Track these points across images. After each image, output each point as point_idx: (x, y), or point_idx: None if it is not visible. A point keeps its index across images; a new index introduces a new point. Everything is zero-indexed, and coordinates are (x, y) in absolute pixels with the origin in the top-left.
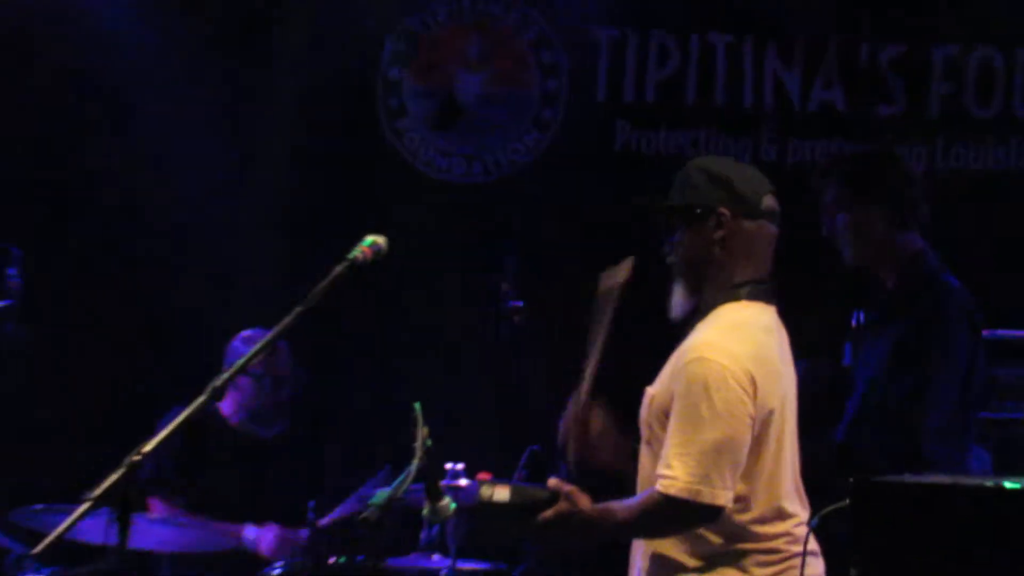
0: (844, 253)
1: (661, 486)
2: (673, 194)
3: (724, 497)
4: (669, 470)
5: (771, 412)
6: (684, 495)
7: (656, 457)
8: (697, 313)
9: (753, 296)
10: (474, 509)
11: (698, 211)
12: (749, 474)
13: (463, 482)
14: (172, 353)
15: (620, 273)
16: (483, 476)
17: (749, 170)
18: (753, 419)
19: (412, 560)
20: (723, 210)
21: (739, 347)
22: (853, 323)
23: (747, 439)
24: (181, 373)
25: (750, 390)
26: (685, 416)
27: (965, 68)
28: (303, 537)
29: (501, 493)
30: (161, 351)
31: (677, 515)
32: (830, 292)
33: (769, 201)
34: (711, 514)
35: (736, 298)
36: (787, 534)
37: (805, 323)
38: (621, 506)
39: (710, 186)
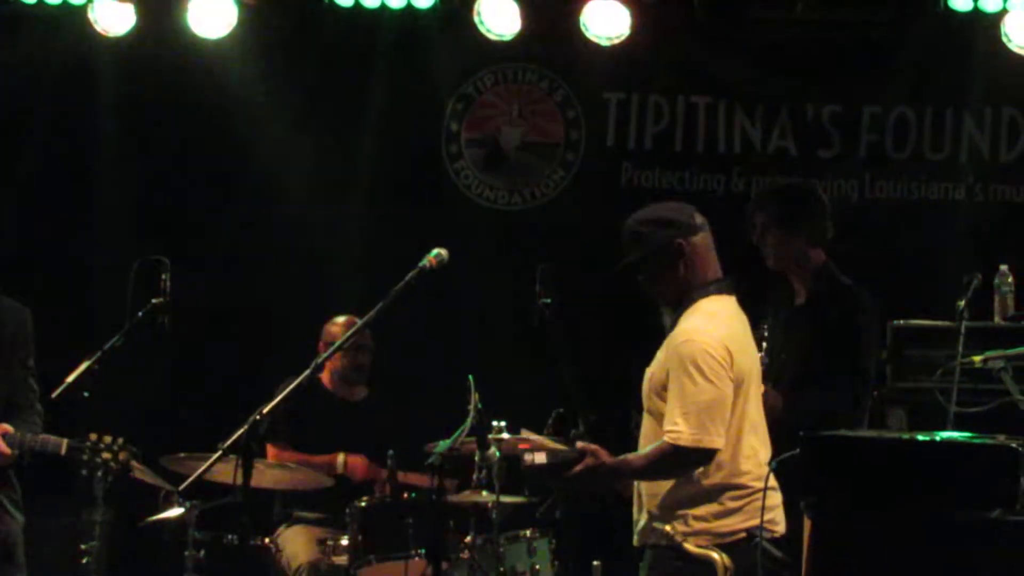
0: (768, 260)
1: (670, 438)
2: (632, 253)
3: (719, 442)
4: (674, 426)
5: (742, 378)
6: (689, 443)
7: (656, 421)
8: (679, 312)
9: (718, 291)
10: (520, 471)
11: (658, 253)
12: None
13: (505, 435)
14: (282, 335)
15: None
16: (523, 445)
17: (673, 203)
18: (732, 382)
19: (466, 497)
20: (678, 241)
21: (716, 330)
22: (770, 319)
23: (730, 397)
24: (289, 349)
25: (728, 361)
26: (681, 384)
27: (886, 122)
28: (382, 474)
29: (540, 457)
30: (273, 334)
31: (683, 460)
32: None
33: (698, 217)
34: (709, 456)
35: (707, 295)
36: (752, 472)
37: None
38: (636, 457)
39: (656, 230)
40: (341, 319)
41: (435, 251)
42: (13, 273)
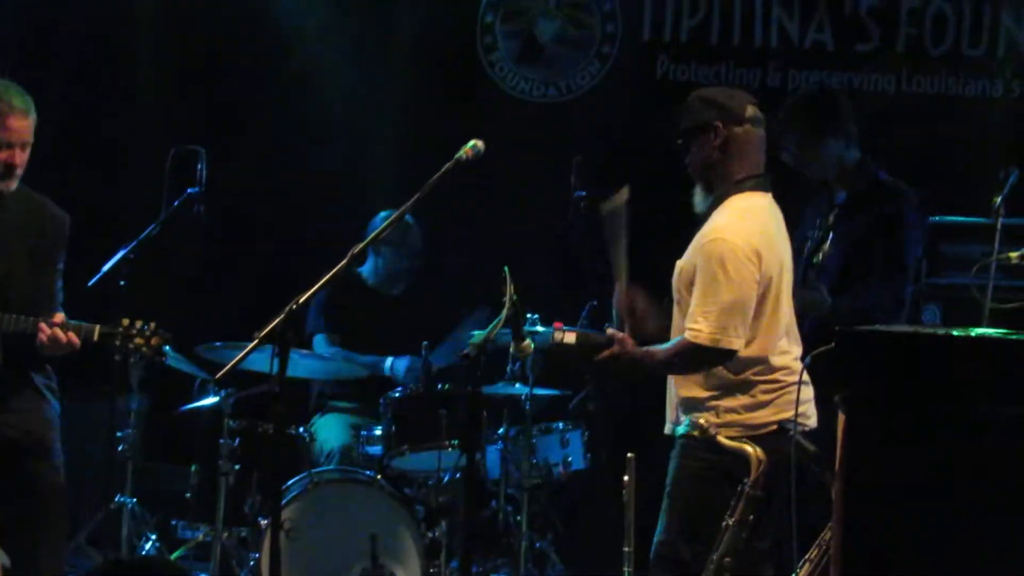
0: (808, 173)
1: (690, 336)
2: (681, 120)
3: (738, 343)
4: (695, 324)
5: (771, 278)
6: (708, 343)
7: (684, 314)
8: (712, 205)
9: (753, 188)
10: (548, 349)
11: (697, 128)
12: (755, 325)
13: (539, 328)
14: (319, 227)
15: (619, 198)
16: (557, 325)
17: (733, 90)
18: (758, 283)
19: (500, 388)
20: (716, 123)
21: (746, 228)
22: (815, 223)
23: (754, 298)
24: (325, 241)
25: (756, 261)
26: (707, 283)
27: (924, 17)
28: (418, 366)
29: (569, 337)
30: (309, 226)
31: (702, 358)
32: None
33: (752, 111)
34: (728, 356)
35: (740, 190)
36: (785, 367)
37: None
38: (659, 349)
39: (703, 107)
40: (384, 213)
41: (471, 143)
42: (50, 162)
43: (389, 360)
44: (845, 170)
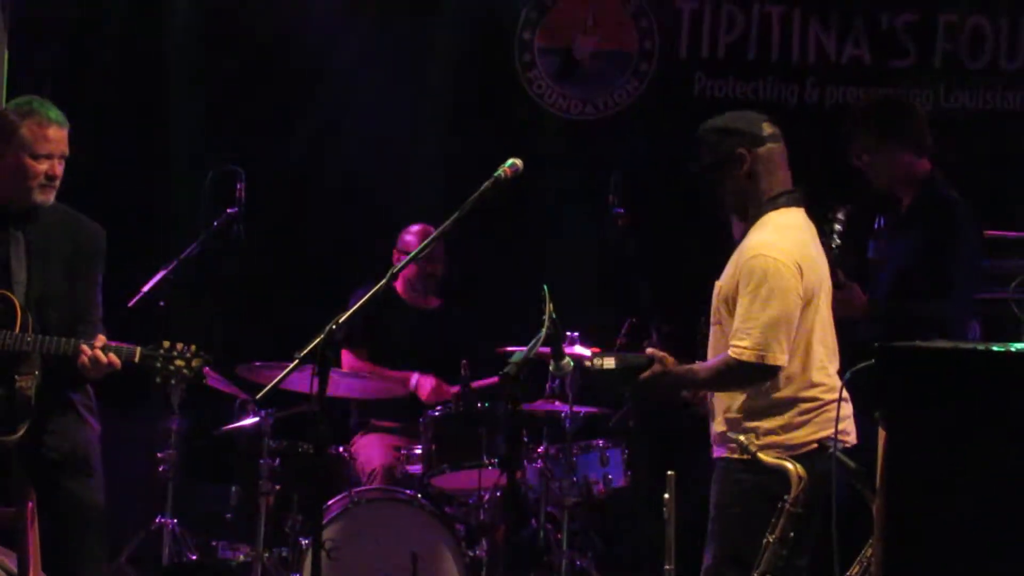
0: (873, 181)
1: (734, 353)
2: (702, 158)
3: (782, 359)
4: (739, 341)
5: (811, 293)
6: (752, 359)
7: (723, 333)
8: (748, 226)
9: (787, 204)
10: (589, 374)
11: (722, 161)
12: (796, 340)
13: (578, 348)
14: (358, 245)
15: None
16: (595, 350)
17: (743, 112)
18: (801, 298)
19: (540, 406)
20: (740, 151)
21: (787, 244)
22: (875, 226)
23: (797, 314)
24: (364, 259)
25: (798, 275)
26: (749, 299)
27: (961, 31)
28: (453, 391)
29: (608, 361)
30: (348, 244)
31: (746, 375)
32: (857, 202)
33: (768, 128)
34: (772, 372)
35: (775, 207)
36: (823, 384)
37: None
38: (702, 367)
39: (722, 138)
40: (416, 227)
41: (510, 161)
42: (89, 183)
43: (415, 377)
44: (912, 180)
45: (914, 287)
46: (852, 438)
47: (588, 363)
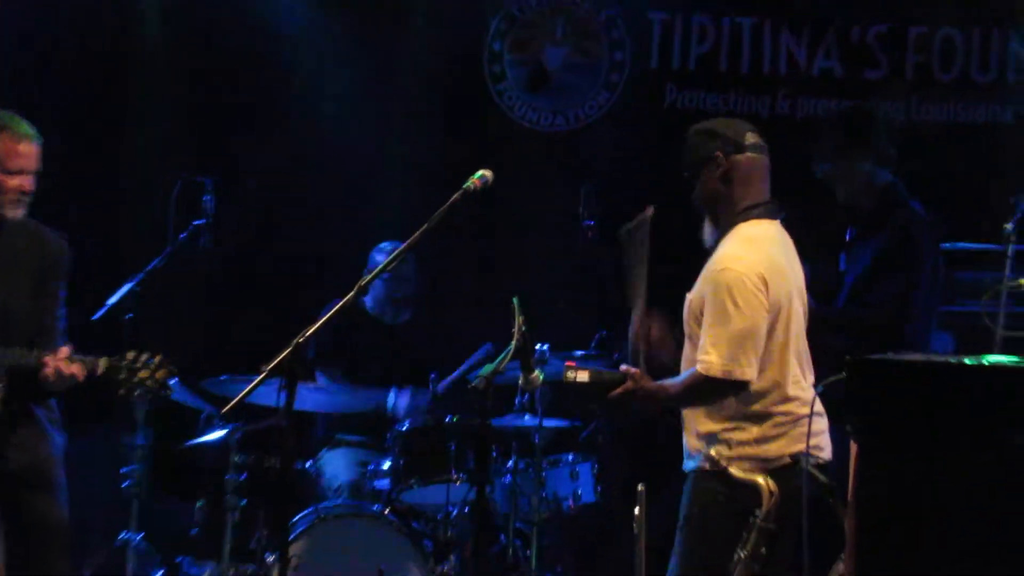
0: (836, 192)
1: (701, 368)
2: (683, 158)
3: (750, 373)
4: (706, 355)
5: (780, 306)
6: (719, 374)
7: (694, 347)
8: (719, 235)
9: (760, 216)
10: (561, 388)
11: (700, 161)
12: (766, 354)
13: (548, 359)
14: (325, 259)
15: (642, 217)
16: (569, 364)
17: (732, 120)
18: (767, 311)
19: (509, 420)
20: (717, 153)
21: (753, 257)
22: (847, 237)
23: (764, 327)
24: (331, 273)
25: (763, 289)
26: (715, 314)
27: (932, 43)
28: (425, 401)
29: (582, 375)
30: (316, 257)
31: (715, 389)
32: (828, 215)
33: (752, 138)
34: (740, 387)
35: (747, 219)
36: (798, 397)
37: (807, 237)
38: (672, 383)
39: (703, 140)
40: (386, 245)
41: (479, 173)
42: (54, 194)
43: (391, 398)
44: (873, 191)
45: (868, 296)
46: (826, 453)
47: (563, 376)
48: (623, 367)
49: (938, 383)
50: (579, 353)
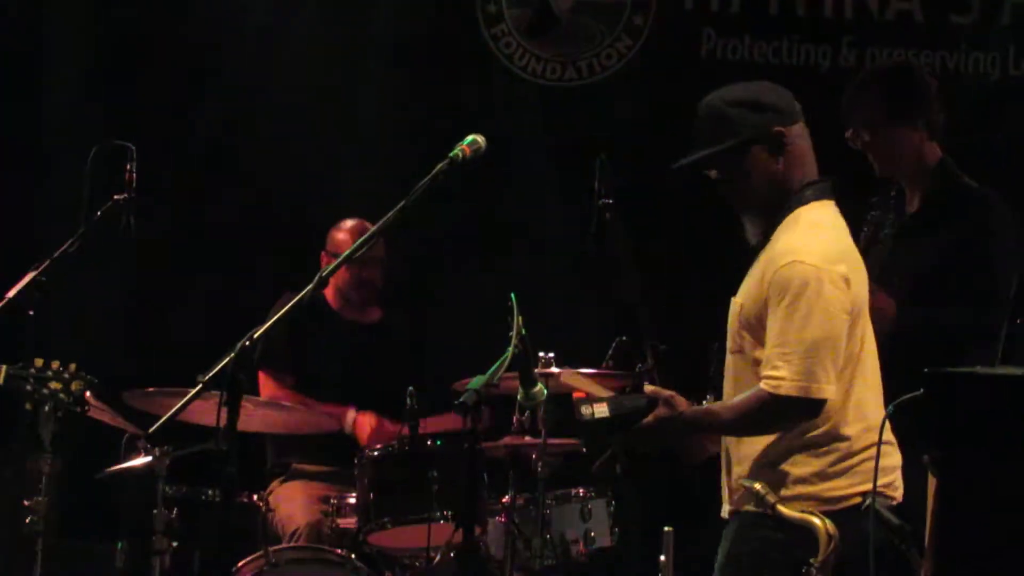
0: (877, 163)
1: (769, 386)
2: (713, 141)
3: (829, 391)
4: (775, 371)
5: (859, 308)
6: (794, 392)
7: (747, 363)
8: (771, 226)
9: (817, 196)
10: (577, 426)
11: (748, 143)
12: (843, 367)
13: (554, 369)
14: (278, 243)
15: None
16: (578, 394)
17: (764, 83)
18: (849, 314)
19: (505, 444)
20: (778, 128)
21: (826, 246)
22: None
23: (844, 333)
24: (286, 260)
25: (843, 286)
26: (785, 318)
27: None
28: (400, 431)
29: (600, 409)
30: (267, 241)
31: (786, 411)
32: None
33: (797, 103)
34: (817, 408)
35: (804, 201)
36: (869, 426)
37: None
38: (725, 407)
39: (749, 113)
40: (349, 223)
41: (469, 138)
42: None
43: (352, 415)
44: (922, 168)
45: (941, 296)
46: (899, 493)
47: (577, 415)
48: (650, 388)
49: None
50: (589, 371)
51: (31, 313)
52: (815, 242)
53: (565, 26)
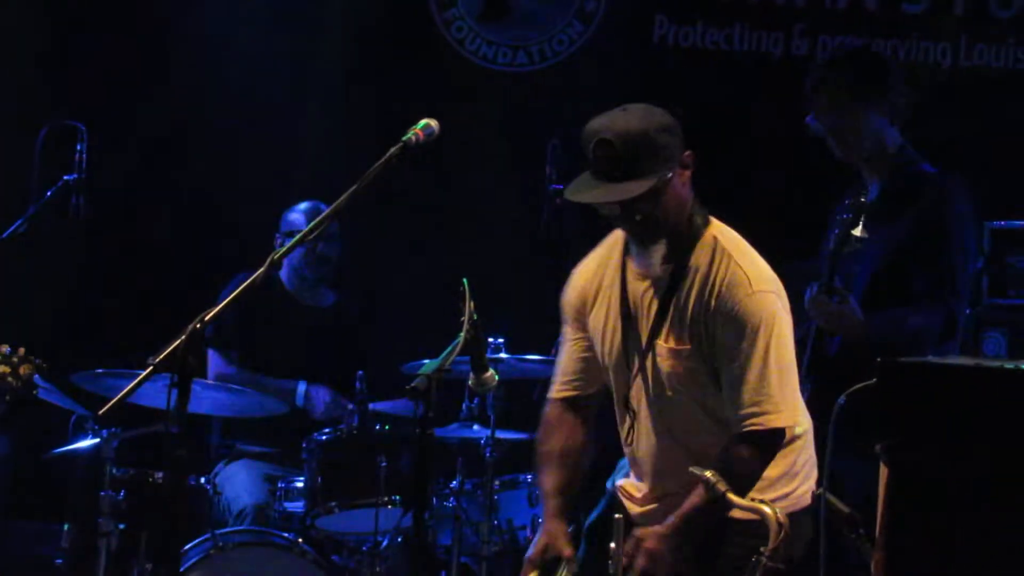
0: (836, 150)
1: (761, 423)
2: (648, 171)
3: (801, 413)
4: (762, 407)
5: None
6: (781, 423)
7: (694, 405)
8: (681, 253)
9: (707, 215)
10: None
11: (666, 171)
12: None
13: (504, 356)
14: (230, 224)
15: None
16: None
17: (649, 105)
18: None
19: (454, 430)
20: (687, 153)
21: (768, 270)
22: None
23: None
24: (237, 242)
25: (787, 307)
26: (755, 353)
27: None
28: (349, 408)
29: None
30: (218, 222)
31: (777, 443)
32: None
33: None
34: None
35: (706, 223)
36: (808, 423)
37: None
38: (699, 493)
39: (673, 139)
40: (304, 205)
41: (422, 122)
42: None
43: (302, 386)
44: (884, 154)
45: (899, 291)
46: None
47: None
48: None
49: (990, 393)
50: (535, 357)
51: None
52: (761, 267)
53: (517, 11)
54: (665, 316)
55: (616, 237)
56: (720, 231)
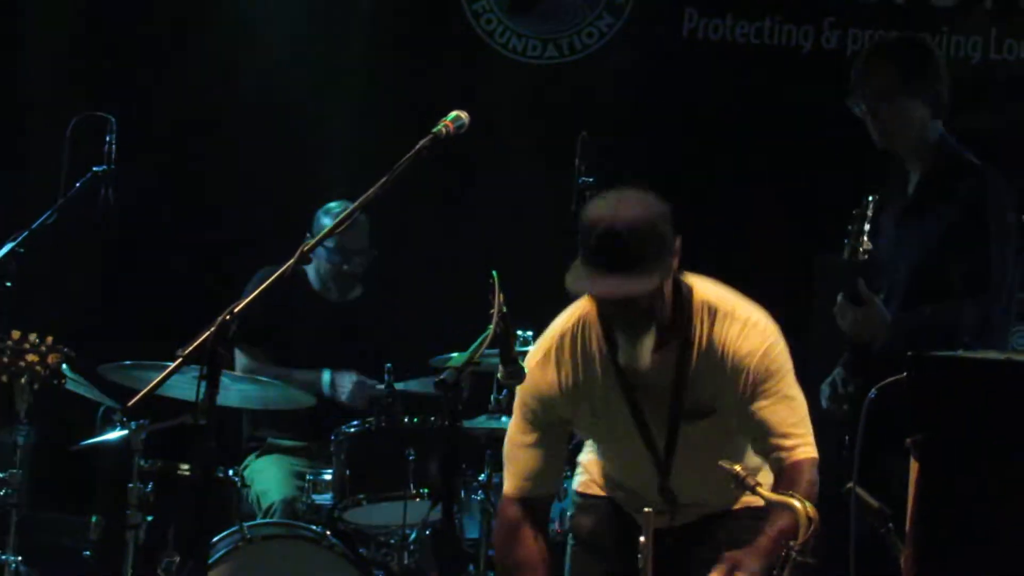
0: (878, 137)
1: (804, 453)
2: (656, 261)
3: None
4: (799, 439)
5: None
6: (815, 453)
7: (726, 446)
8: (677, 330)
9: (684, 274)
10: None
11: (668, 259)
12: None
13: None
14: (259, 218)
15: None
16: None
17: (624, 190)
18: None
19: (482, 422)
20: (678, 239)
21: (754, 309)
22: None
23: None
24: (268, 239)
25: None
26: (784, 391)
27: None
28: (379, 389)
29: None
30: (247, 215)
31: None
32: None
33: None
34: None
35: (691, 289)
36: None
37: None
38: (775, 518)
39: (670, 227)
40: (336, 207)
41: (452, 115)
42: None
43: (327, 375)
44: (925, 144)
45: (940, 283)
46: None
47: None
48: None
49: (1021, 385)
50: None
51: (8, 285)
52: (752, 311)
53: (547, 4)
54: (683, 389)
55: (573, 322)
56: (705, 293)
